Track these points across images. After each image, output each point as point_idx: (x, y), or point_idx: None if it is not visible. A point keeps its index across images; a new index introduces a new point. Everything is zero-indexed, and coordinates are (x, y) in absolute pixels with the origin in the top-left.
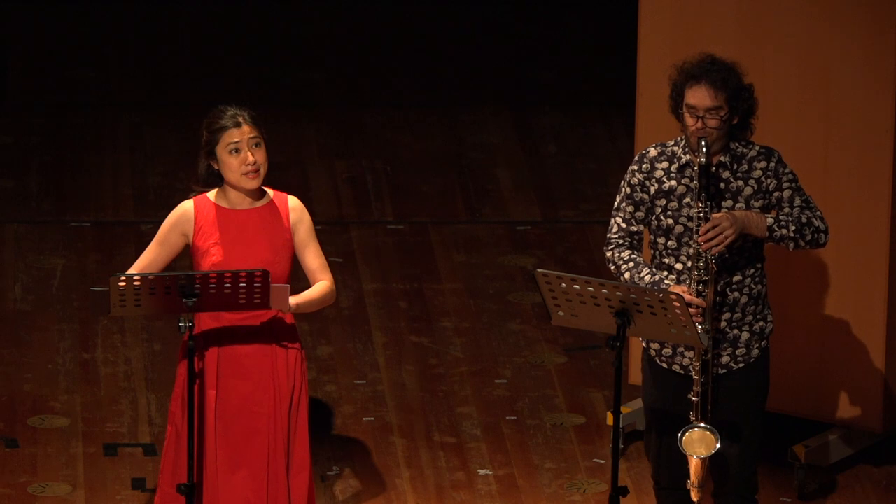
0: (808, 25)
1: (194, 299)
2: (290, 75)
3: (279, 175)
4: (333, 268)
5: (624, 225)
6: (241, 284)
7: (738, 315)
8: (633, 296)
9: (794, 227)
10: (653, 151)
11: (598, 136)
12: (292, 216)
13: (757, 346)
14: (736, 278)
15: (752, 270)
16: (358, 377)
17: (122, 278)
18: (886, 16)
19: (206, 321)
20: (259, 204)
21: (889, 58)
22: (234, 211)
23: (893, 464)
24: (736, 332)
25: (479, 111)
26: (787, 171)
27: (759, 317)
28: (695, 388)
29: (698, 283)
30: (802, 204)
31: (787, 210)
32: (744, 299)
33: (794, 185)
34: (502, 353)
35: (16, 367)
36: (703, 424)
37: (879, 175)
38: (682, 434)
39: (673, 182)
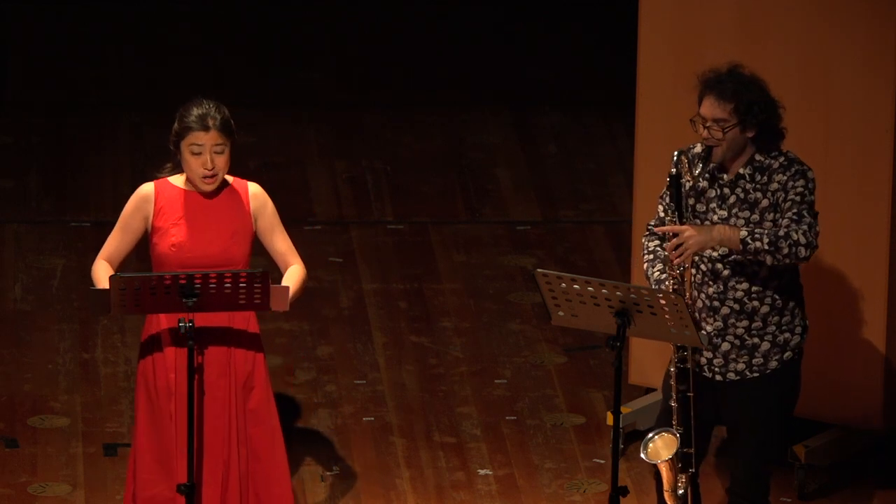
0: (809, 25)
1: (194, 299)
2: (290, 75)
3: (279, 175)
4: (333, 267)
5: (662, 214)
6: (241, 285)
7: (757, 324)
8: (632, 296)
9: (767, 240)
10: (697, 148)
11: (598, 136)
12: (253, 204)
13: (776, 357)
14: (755, 287)
15: (777, 281)
16: (358, 377)
17: (123, 278)
18: (886, 16)
19: (170, 321)
20: (220, 189)
21: (889, 58)
22: (195, 194)
23: (893, 464)
24: (756, 340)
25: (479, 111)
26: (797, 184)
27: (784, 328)
28: (674, 395)
29: (672, 291)
30: (794, 217)
31: (780, 222)
32: (765, 309)
33: (797, 198)
34: (502, 353)
35: (16, 367)
36: (656, 432)
37: (879, 175)
38: (645, 447)
39: (706, 184)
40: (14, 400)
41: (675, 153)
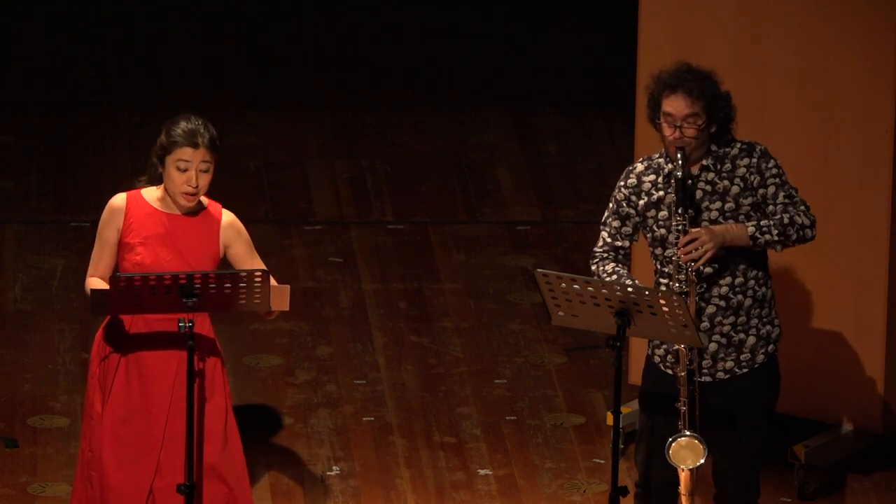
0: (809, 25)
1: (194, 299)
2: (290, 75)
3: (279, 175)
4: (333, 267)
5: (609, 240)
6: (241, 285)
7: (742, 319)
8: (633, 296)
9: (776, 231)
10: (639, 166)
11: (598, 136)
12: (223, 235)
13: (763, 351)
14: (738, 280)
15: (756, 272)
16: (358, 377)
17: (123, 278)
18: (886, 16)
19: (136, 323)
20: (192, 212)
21: (889, 58)
22: (166, 214)
23: (894, 464)
24: (742, 336)
25: (479, 111)
26: (770, 165)
27: (765, 321)
28: (682, 398)
29: (679, 294)
30: (786, 200)
31: (770, 209)
32: (748, 302)
33: (777, 179)
34: (502, 353)
35: (16, 367)
36: (688, 433)
37: (879, 175)
38: (670, 443)
39: (661, 192)
40: (14, 400)
41: (678, 155)
